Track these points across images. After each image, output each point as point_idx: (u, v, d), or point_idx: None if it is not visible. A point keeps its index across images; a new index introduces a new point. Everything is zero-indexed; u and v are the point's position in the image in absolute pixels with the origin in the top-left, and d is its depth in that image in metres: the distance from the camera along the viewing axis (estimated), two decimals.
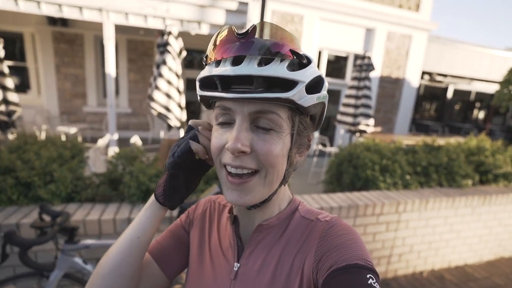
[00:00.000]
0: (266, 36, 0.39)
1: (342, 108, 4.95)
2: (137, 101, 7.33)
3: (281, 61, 0.38)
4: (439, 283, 2.47)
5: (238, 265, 0.49)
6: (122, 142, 5.47)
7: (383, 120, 7.41)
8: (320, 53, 6.54)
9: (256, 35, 0.39)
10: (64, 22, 6.49)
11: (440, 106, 9.85)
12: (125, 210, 1.70)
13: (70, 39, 6.81)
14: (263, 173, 0.42)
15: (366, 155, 2.58)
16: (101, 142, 4.31)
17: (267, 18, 5.63)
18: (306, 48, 6.10)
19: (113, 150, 5.04)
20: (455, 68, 8.45)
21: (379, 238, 2.29)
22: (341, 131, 6.98)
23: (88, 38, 6.87)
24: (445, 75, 8.62)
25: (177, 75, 3.28)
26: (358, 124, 4.65)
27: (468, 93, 10.10)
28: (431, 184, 2.64)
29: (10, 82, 3.17)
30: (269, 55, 0.38)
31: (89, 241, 1.42)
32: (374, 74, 6.80)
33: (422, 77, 8.47)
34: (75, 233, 1.39)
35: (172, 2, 4.49)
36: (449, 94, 9.54)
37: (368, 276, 0.37)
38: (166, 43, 3.26)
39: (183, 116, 3.40)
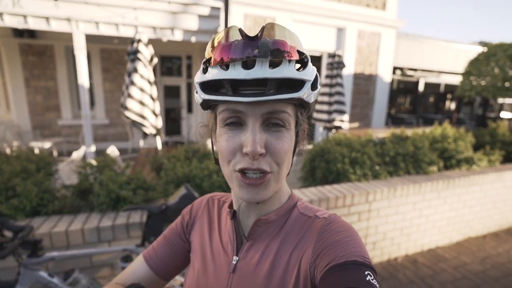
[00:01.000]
0: (270, 36, 0.39)
1: (317, 106, 5.08)
2: (114, 111, 7.19)
3: (289, 62, 0.39)
4: (413, 266, 2.58)
5: (237, 258, 0.51)
6: (100, 154, 5.36)
7: (360, 116, 7.64)
8: None
9: (267, 37, 0.39)
10: (31, 33, 6.30)
11: (413, 99, 10.26)
12: (94, 220, 1.68)
13: (39, 50, 6.61)
14: (276, 171, 0.44)
15: (336, 149, 2.67)
16: (76, 155, 4.20)
17: (236, 22, 5.71)
18: None
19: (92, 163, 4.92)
20: (424, 62, 8.84)
21: None
22: (320, 129, 7.14)
23: (58, 49, 6.69)
24: (415, 69, 9.00)
25: (150, 82, 3.27)
26: (333, 120, 4.79)
27: (437, 85, 10.59)
28: (400, 173, 2.77)
29: None
30: (277, 56, 0.38)
31: (54, 253, 1.40)
32: (348, 72, 7.02)
33: (394, 72, 8.81)
34: (38, 246, 1.36)
35: (140, 9, 4.47)
36: (421, 87, 9.96)
37: (366, 272, 0.37)
38: (136, 51, 3.25)
39: (159, 123, 3.39)
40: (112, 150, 3.92)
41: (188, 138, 7.43)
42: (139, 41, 3.32)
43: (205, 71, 0.42)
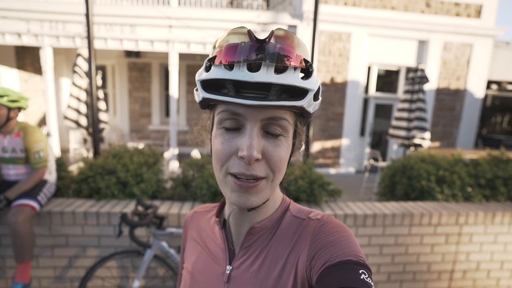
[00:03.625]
0: (279, 42, 0.38)
1: (394, 122, 4.84)
2: (194, 119, 8.08)
3: (294, 70, 0.39)
4: None
5: (231, 267, 0.50)
6: (181, 157, 6.09)
7: (442, 134, 6.92)
8: (369, 68, 6.52)
9: (275, 41, 0.39)
10: (137, 53, 7.63)
11: None
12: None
13: (141, 67, 7.93)
14: (271, 178, 0.43)
15: (421, 166, 2.55)
16: (167, 155, 4.90)
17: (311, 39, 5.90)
18: (355, 63, 6.16)
19: (175, 163, 5.64)
20: None
21: (438, 251, 2.22)
22: (394, 146, 6.70)
23: (154, 66, 7.91)
24: None
25: None
26: (413, 137, 4.49)
27: None
28: (499, 197, 2.47)
29: (102, 105, 3.91)
30: (283, 62, 0.38)
31: (173, 229, 1.74)
32: (430, 87, 6.49)
33: (488, 87, 7.74)
34: (163, 222, 1.71)
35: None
36: None
37: (360, 271, 0.37)
38: None
39: None
40: (196, 154, 4.44)
41: None
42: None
43: (208, 69, 0.41)
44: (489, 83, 7.53)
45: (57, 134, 5.86)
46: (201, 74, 0.42)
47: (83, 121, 3.79)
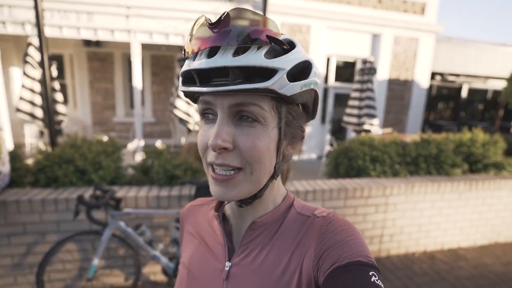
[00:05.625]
0: (244, 23, 0.36)
1: (347, 110, 5.27)
2: (160, 110, 8.01)
3: (258, 49, 0.36)
4: (430, 261, 2.72)
5: (230, 264, 0.47)
6: (146, 149, 6.10)
7: (394, 122, 7.58)
8: (328, 59, 6.91)
9: (234, 23, 0.36)
10: (97, 43, 7.34)
11: (456, 106, 9.79)
12: (154, 190, 2.17)
13: (102, 57, 7.65)
14: (248, 170, 0.40)
15: (359, 148, 2.91)
16: (131, 146, 4.91)
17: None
18: (314, 55, 6.50)
19: (140, 155, 5.65)
20: (468, 67, 8.45)
21: (370, 219, 2.60)
22: (352, 133, 7.24)
23: (117, 56, 7.68)
24: (457, 75, 8.63)
25: None
26: (363, 124, 4.95)
27: (484, 91, 9.96)
28: (420, 172, 2.92)
29: (59, 96, 3.83)
30: (248, 43, 0.35)
31: (130, 210, 1.90)
32: (382, 77, 7.05)
33: (433, 78, 8.55)
34: (120, 203, 1.87)
35: (191, 21, 5.07)
36: (464, 94, 9.48)
37: (370, 273, 0.36)
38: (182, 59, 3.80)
39: None
40: (160, 144, 4.54)
41: None
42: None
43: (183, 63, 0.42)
44: (433, 74, 8.31)
45: (9, 128, 5.56)
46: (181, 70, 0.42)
47: (39, 113, 3.70)
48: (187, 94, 0.43)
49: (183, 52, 0.40)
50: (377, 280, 0.36)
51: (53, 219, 2.04)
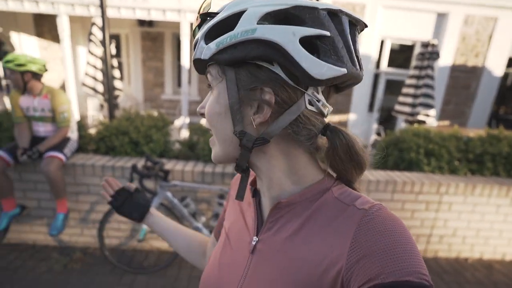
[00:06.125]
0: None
1: (400, 98, 4.86)
2: (205, 89, 8.24)
3: (199, 28, 0.41)
4: (486, 270, 2.47)
5: (257, 239, 0.46)
6: (192, 126, 6.37)
7: (454, 114, 6.82)
8: (382, 42, 6.36)
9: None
10: (150, 23, 7.68)
11: None
12: (200, 166, 2.27)
13: (154, 37, 8.02)
14: (214, 134, 0.44)
15: (413, 139, 2.68)
16: (177, 123, 5.17)
17: None
18: (367, 38, 6.03)
19: (186, 131, 5.93)
20: None
21: (418, 216, 2.42)
22: (402, 124, 6.71)
23: (167, 36, 7.98)
24: None
25: None
26: (417, 114, 4.53)
27: None
28: (485, 173, 2.60)
29: (117, 73, 4.13)
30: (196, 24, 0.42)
31: (177, 182, 2.01)
32: (445, 63, 6.31)
33: (510, 65, 7.41)
34: (168, 175, 1.98)
35: None
36: None
37: None
38: None
39: None
40: (204, 122, 4.69)
41: None
42: None
43: None
44: (511, 61, 7.19)
45: (76, 100, 6.20)
46: None
47: (100, 87, 4.05)
48: None
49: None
50: None
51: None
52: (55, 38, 7.60)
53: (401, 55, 6.73)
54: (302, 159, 0.43)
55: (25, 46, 7.49)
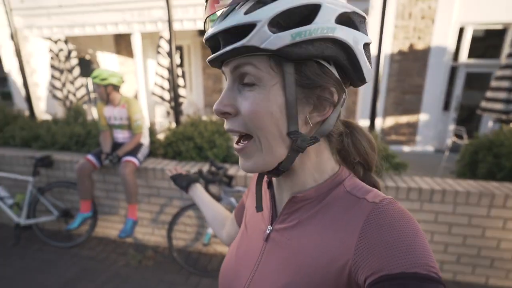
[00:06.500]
0: None
1: (489, 93, 4.13)
2: None
3: (237, 7, 0.34)
4: None
5: (271, 228, 0.48)
6: None
7: None
8: (461, 30, 5.53)
9: None
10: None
11: None
12: None
13: None
14: (256, 138, 0.38)
15: None
16: None
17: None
18: (441, 26, 5.31)
19: None
20: None
21: None
22: (489, 123, 5.70)
23: None
24: None
25: None
26: None
27: None
28: None
29: (181, 81, 4.42)
30: (227, 5, 0.34)
31: (240, 188, 2.00)
32: None
33: None
34: (232, 181, 1.98)
35: None
36: None
37: None
38: None
39: None
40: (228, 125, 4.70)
41: None
42: None
43: None
44: None
45: (146, 109, 6.87)
46: None
47: (166, 95, 4.38)
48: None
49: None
50: None
51: (177, 187, 2.37)
52: (130, 53, 8.58)
53: (486, 43, 5.76)
54: (325, 154, 0.44)
55: (107, 62, 8.63)
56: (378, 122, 5.94)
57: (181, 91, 4.45)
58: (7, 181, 2.80)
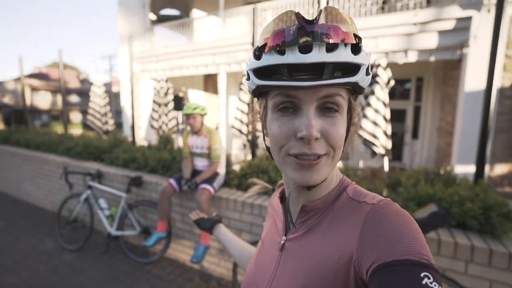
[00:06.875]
0: (324, 20, 0.39)
1: None
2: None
3: (345, 46, 0.39)
4: None
5: (285, 238, 0.53)
6: None
7: None
8: None
9: (324, 21, 0.40)
10: None
11: None
12: None
13: None
14: (332, 155, 0.43)
15: None
16: None
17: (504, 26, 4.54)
18: None
19: None
20: None
21: None
22: None
23: None
24: None
25: (384, 104, 3.40)
26: None
27: None
28: None
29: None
30: (334, 40, 0.38)
31: None
32: None
33: None
34: None
35: (380, 37, 4.74)
36: None
37: (422, 274, 0.31)
38: (375, 75, 3.50)
39: (388, 144, 3.41)
40: (339, 166, 4.41)
41: (411, 165, 6.79)
42: (378, 65, 3.56)
43: (258, 57, 0.42)
44: None
45: (225, 141, 7.38)
46: (252, 64, 0.43)
47: (244, 129, 4.60)
48: (259, 88, 0.44)
49: (257, 47, 0.43)
50: (431, 283, 0.31)
51: (248, 220, 2.32)
52: (215, 91, 9.60)
53: None
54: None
55: (196, 98, 9.80)
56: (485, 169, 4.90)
57: (258, 125, 4.61)
58: (107, 194, 3.25)
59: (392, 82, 3.54)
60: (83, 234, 3.37)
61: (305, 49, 0.38)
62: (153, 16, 9.35)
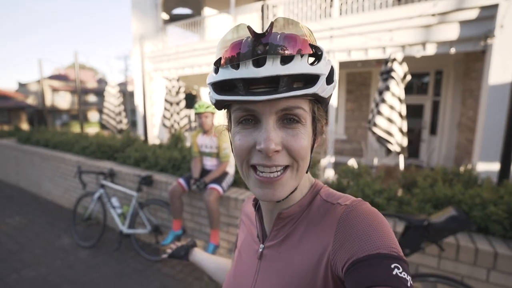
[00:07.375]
0: (281, 31, 0.39)
1: None
2: (352, 128, 7.83)
3: (301, 57, 0.38)
4: None
5: (263, 246, 0.53)
6: (336, 165, 6.04)
7: None
8: None
9: (277, 32, 0.39)
10: None
11: None
12: None
13: None
14: (295, 167, 0.43)
15: None
16: (323, 162, 5.02)
17: None
18: None
19: (330, 171, 5.68)
20: None
21: None
22: None
23: None
24: None
25: (400, 100, 3.25)
26: None
27: None
28: None
29: None
30: (288, 51, 0.37)
31: None
32: None
33: None
34: None
35: (396, 30, 4.55)
36: None
37: (392, 266, 0.34)
38: (390, 70, 3.36)
39: (404, 141, 3.27)
40: (352, 163, 4.27)
41: (428, 162, 6.53)
42: (393, 60, 3.41)
43: (216, 71, 0.42)
44: None
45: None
46: (210, 78, 0.43)
47: None
48: (220, 103, 0.44)
49: (215, 61, 0.43)
50: (400, 273, 0.34)
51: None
52: None
53: None
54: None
55: (207, 98, 9.78)
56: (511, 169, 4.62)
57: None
58: (119, 193, 3.31)
59: (409, 77, 3.38)
60: (97, 231, 3.45)
61: (260, 62, 0.38)
62: (165, 16, 9.44)
